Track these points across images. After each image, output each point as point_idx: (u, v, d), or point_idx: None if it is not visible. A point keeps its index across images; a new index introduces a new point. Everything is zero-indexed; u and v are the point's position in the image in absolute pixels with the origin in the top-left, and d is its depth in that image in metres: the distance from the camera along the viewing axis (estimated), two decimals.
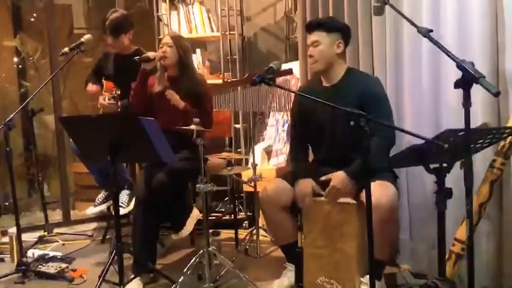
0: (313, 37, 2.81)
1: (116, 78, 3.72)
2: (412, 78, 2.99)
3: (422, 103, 2.94)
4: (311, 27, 2.84)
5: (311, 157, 3.53)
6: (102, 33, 3.71)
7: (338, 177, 2.69)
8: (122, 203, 3.73)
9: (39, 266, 3.40)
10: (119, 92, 3.53)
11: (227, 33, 4.55)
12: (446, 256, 2.47)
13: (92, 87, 3.85)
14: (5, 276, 3.29)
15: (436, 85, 2.88)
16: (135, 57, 3.27)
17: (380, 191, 2.52)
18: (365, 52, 3.21)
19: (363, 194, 2.26)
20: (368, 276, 2.27)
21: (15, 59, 5.59)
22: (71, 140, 3.72)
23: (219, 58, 4.60)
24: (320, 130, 2.89)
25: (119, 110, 3.56)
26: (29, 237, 4.06)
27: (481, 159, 2.57)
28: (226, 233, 4.14)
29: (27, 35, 5.53)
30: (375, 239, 2.06)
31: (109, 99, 3.59)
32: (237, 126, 4.50)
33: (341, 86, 2.81)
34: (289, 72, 3.72)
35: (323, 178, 2.74)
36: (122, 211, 3.62)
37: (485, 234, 2.65)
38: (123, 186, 3.81)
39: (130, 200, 3.67)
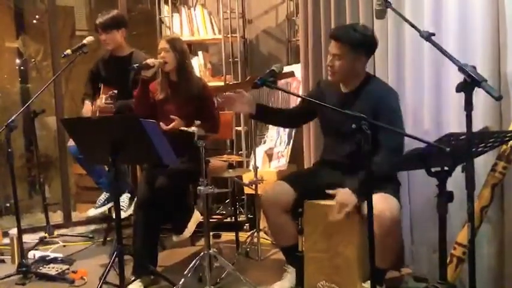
0: (335, 49, 2.69)
1: (111, 80, 3.71)
2: (414, 81, 2.98)
3: (424, 106, 2.94)
4: (336, 37, 2.71)
5: (314, 159, 3.52)
6: (95, 32, 3.69)
7: (345, 193, 2.60)
8: (122, 206, 3.72)
9: (40, 268, 3.41)
10: (116, 91, 3.49)
11: (229, 35, 4.55)
12: (448, 260, 2.46)
13: (88, 107, 3.77)
14: (6, 277, 3.28)
15: (437, 88, 2.87)
16: (135, 65, 3.23)
17: (383, 204, 2.49)
18: None
19: (365, 205, 2.25)
20: (369, 282, 2.27)
21: (18, 61, 5.59)
22: (69, 143, 3.74)
23: (221, 60, 4.60)
24: (331, 133, 2.90)
25: (114, 111, 3.54)
26: (29, 238, 4.06)
27: (483, 163, 2.56)
28: (227, 236, 4.14)
29: (30, 37, 5.54)
30: (377, 251, 2.05)
31: (106, 99, 3.57)
32: (239, 128, 4.50)
33: (357, 93, 2.75)
34: (291, 74, 3.72)
35: (329, 192, 2.66)
36: (122, 215, 3.60)
37: (487, 238, 2.64)
38: (123, 190, 3.80)
39: (130, 203, 3.66)
